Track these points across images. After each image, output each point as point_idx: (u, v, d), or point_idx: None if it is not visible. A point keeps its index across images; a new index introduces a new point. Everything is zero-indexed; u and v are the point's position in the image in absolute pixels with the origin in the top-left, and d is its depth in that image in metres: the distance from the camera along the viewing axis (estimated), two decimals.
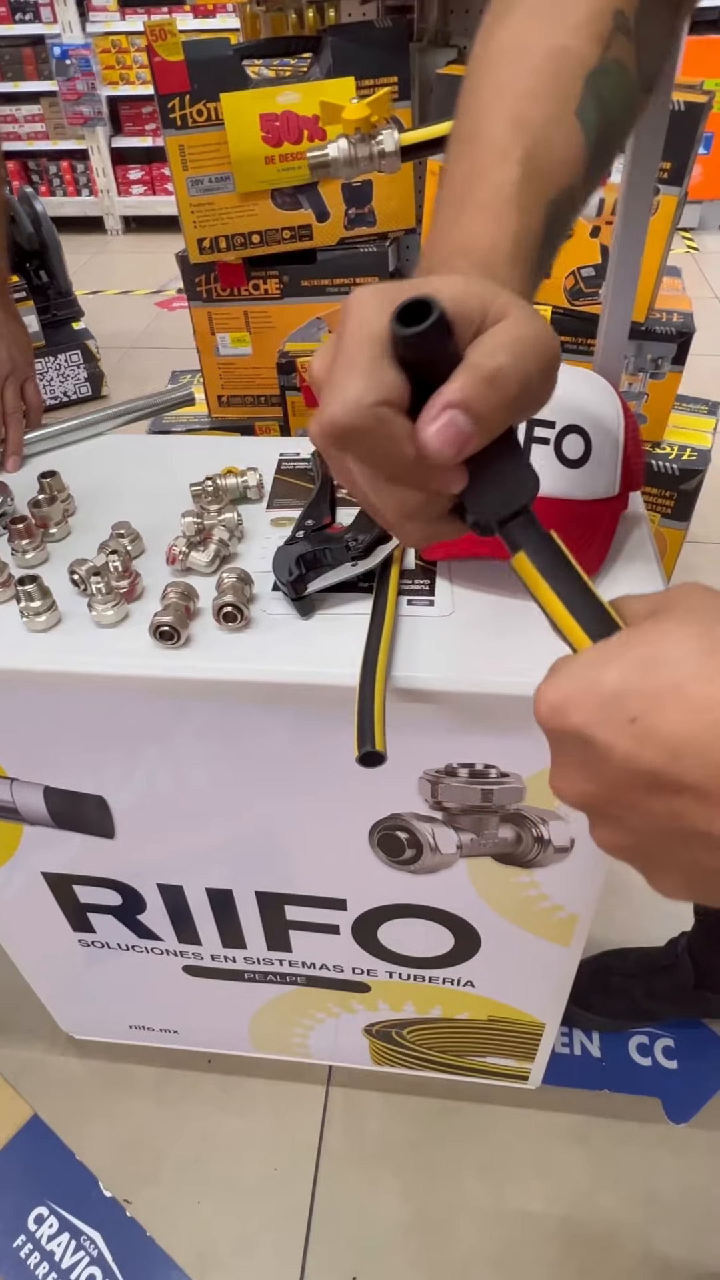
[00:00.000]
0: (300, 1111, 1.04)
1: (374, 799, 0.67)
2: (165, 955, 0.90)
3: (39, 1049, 1.11)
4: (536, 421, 0.60)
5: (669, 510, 1.30)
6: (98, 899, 0.83)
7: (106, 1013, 1.05)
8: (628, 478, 0.64)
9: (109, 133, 3.72)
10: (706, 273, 3.20)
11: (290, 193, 1.20)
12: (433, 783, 0.65)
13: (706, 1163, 0.98)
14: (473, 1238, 0.94)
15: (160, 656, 0.56)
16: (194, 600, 0.58)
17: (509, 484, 0.33)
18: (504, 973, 0.84)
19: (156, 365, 2.66)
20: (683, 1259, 0.92)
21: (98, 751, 0.67)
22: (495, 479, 0.33)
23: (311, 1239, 0.94)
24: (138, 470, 0.77)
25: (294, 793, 0.68)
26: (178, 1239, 0.95)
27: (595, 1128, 1.01)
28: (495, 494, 0.33)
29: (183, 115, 1.14)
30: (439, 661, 0.55)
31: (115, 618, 0.58)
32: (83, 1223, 0.96)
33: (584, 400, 0.61)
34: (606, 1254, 0.92)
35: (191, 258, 1.26)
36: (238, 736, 0.63)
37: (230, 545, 0.63)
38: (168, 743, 0.64)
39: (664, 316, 1.21)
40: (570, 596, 0.31)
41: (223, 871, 0.77)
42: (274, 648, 0.56)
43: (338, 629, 0.57)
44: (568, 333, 1.19)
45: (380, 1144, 1.01)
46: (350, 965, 0.87)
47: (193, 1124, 1.04)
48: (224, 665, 0.55)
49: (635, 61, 0.41)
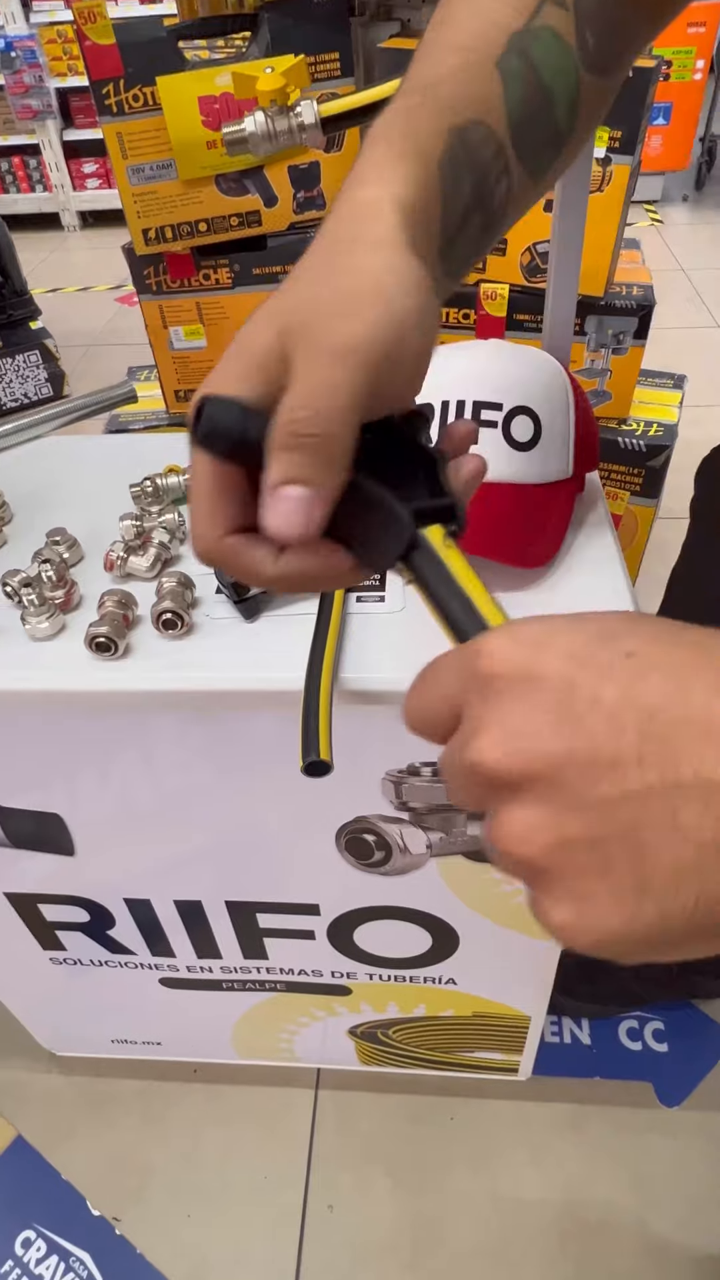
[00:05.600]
0: (289, 1116, 1.03)
1: (337, 803, 0.65)
2: (140, 969, 0.87)
3: (20, 1067, 1.08)
4: (482, 404, 0.58)
5: (637, 488, 1.28)
6: (65, 917, 0.81)
7: (87, 1028, 1.02)
8: (581, 458, 0.62)
9: (60, 126, 3.64)
10: (671, 245, 3.18)
11: (235, 178, 1.17)
12: (396, 783, 0.63)
13: (699, 1145, 0.97)
14: (468, 1233, 0.93)
15: (97, 669, 0.53)
16: (132, 608, 0.56)
17: (380, 533, 0.30)
18: (485, 969, 0.82)
19: (119, 362, 2.60)
20: (679, 1242, 0.91)
21: (47, 768, 0.64)
22: (364, 534, 0.31)
23: (305, 1245, 0.93)
24: (79, 473, 0.74)
25: (254, 800, 0.66)
26: (169, 1254, 0.93)
27: (587, 1115, 1.00)
28: (372, 549, 0.31)
29: (118, 101, 1.10)
30: (390, 661, 0.53)
31: (50, 630, 0.55)
32: (71, 1244, 0.94)
33: (531, 380, 0.59)
34: (603, 1241, 0.91)
35: (138, 249, 1.22)
36: (188, 747, 0.60)
37: (171, 548, 0.61)
38: (117, 757, 0.62)
39: (623, 290, 1.18)
40: (466, 619, 0.29)
41: (190, 883, 0.75)
42: (217, 654, 0.54)
43: (285, 630, 0.55)
44: (525, 310, 1.17)
45: (371, 1144, 1.00)
46: (329, 969, 0.85)
47: (180, 1136, 1.02)
48: (164, 675, 0.53)
49: (575, 34, 0.38)
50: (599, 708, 0.22)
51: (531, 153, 0.38)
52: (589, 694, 0.22)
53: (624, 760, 0.21)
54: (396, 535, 0.29)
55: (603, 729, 0.22)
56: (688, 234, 3.29)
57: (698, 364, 1.92)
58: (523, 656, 0.24)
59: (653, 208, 3.52)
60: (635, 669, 0.22)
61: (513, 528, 0.58)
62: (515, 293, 1.17)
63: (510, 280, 1.17)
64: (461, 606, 0.28)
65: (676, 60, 3.11)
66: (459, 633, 0.28)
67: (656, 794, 0.21)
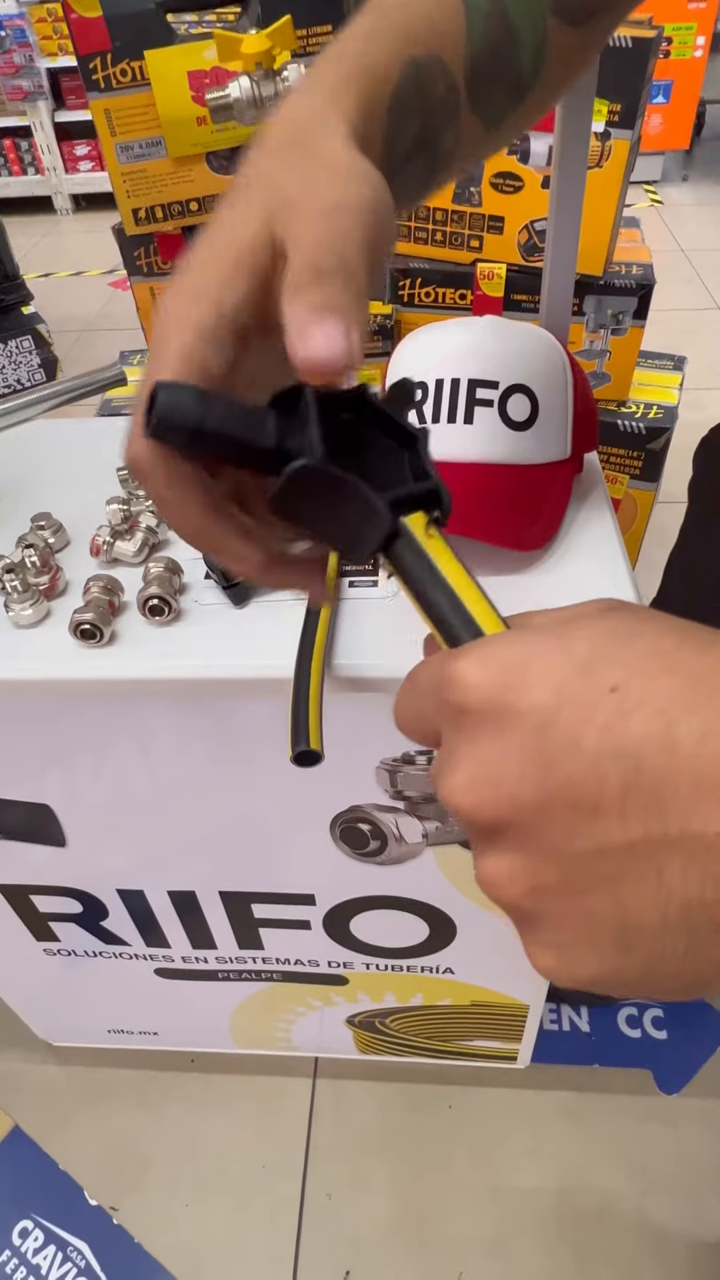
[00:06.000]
0: (287, 1106, 1.02)
1: (332, 792, 0.64)
2: (135, 960, 0.87)
3: (17, 1058, 1.08)
4: (478, 382, 0.56)
5: (637, 471, 1.26)
6: (58, 908, 0.80)
7: (83, 1019, 1.02)
8: (580, 438, 0.60)
9: (51, 107, 3.59)
10: (671, 225, 3.14)
11: (227, 155, 1.14)
12: (391, 772, 0.61)
13: (698, 1132, 0.97)
14: (466, 1223, 0.92)
15: (82, 657, 0.52)
16: (119, 594, 0.54)
17: (357, 524, 0.27)
18: (483, 958, 0.81)
19: (113, 347, 2.58)
20: (679, 1230, 0.91)
21: (35, 758, 0.63)
22: (341, 526, 0.28)
23: (303, 1235, 0.93)
24: (65, 457, 0.73)
25: (246, 790, 0.65)
26: (167, 1244, 0.93)
27: (586, 1103, 1.00)
28: (350, 542, 0.28)
29: (106, 76, 1.07)
30: (385, 647, 0.52)
31: (34, 617, 0.54)
32: (69, 1234, 0.94)
33: (528, 358, 0.57)
34: (602, 1229, 0.91)
35: (128, 229, 1.20)
36: (178, 736, 0.59)
37: (159, 532, 0.59)
38: (105, 746, 0.60)
39: (622, 269, 1.16)
40: (450, 615, 0.26)
41: (183, 873, 0.74)
42: (205, 641, 0.52)
43: (275, 616, 0.54)
44: (522, 290, 1.15)
45: (369, 1134, 0.99)
46: (325, 959, 0.84)
47: (177, 1126, 1.01)
48: (151, 663, 0.51)
49: None
50: (579, 752, 0.20)
51: (486, 96, 0.36)
52: (567, 736, 0.20)
53: (606, 811, 0.20)
54: (374, 527, 0.27)
55: (582, 776, 0.20)
56: (688, 215, 3.25)
57: (698, 346, 1.89)
58: (495, 687, 0.21)
59: (652, 188, 3.48)
60: (619, 707, 0.20)
61: (509, 510, 0.56)
62: (513, 272, 1.15)
63: (508, 260, 1.15)
64: (446, 601, 0.26)
65: (677, 37, 3.06)
66: (444, 631, 0.26)
67: (640, 850, 0.19)
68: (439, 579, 0.26)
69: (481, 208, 1.13)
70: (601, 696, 0.20)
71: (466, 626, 0.25)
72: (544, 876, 0.21)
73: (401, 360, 0.60)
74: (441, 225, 1.17)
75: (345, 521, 0.27)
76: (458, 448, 0.56)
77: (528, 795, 0.20)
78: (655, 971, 0.20)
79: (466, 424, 0.56)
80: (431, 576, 0.26)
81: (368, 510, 0.26)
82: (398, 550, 0.27)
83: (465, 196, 1.13)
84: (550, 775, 0.20)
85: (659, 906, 0.19)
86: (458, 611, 0.25)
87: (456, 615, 0.25)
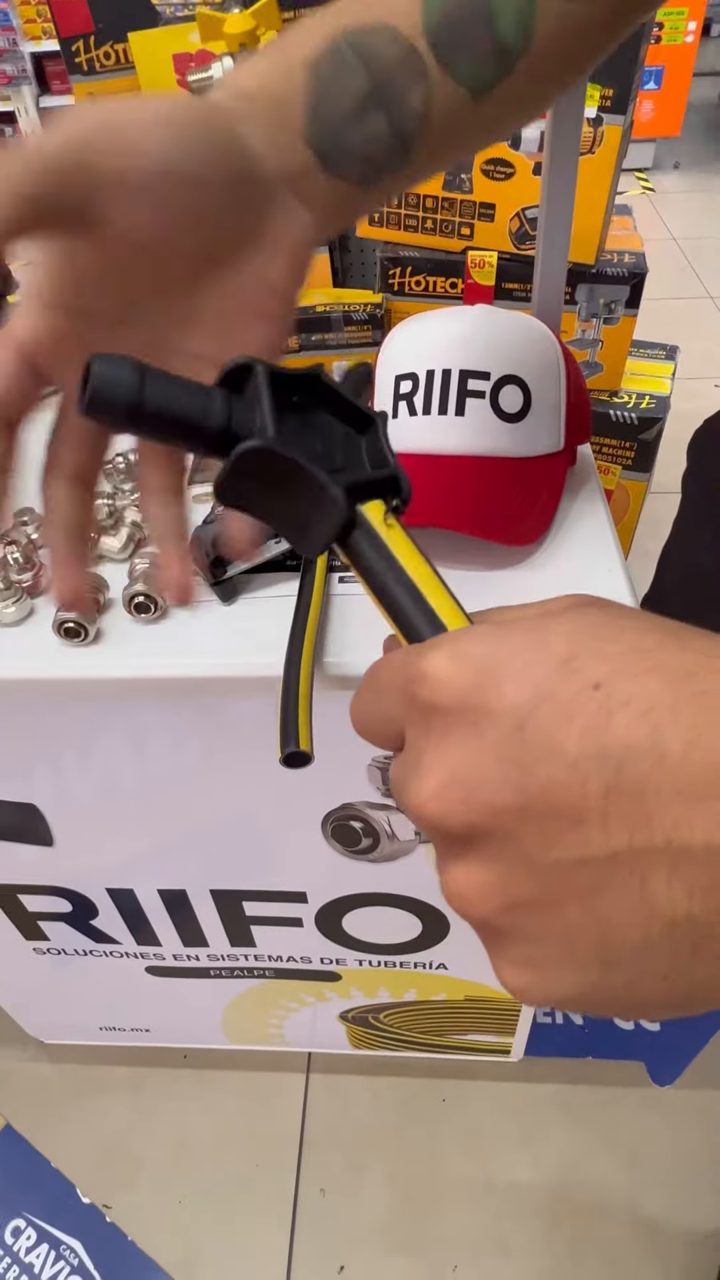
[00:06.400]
0: (280, 1101, 1.02)
1: (323, 790, 0.63)
2: (126, 958, 0.86)
3: (9, 1056, 1.07)
4: (469, 373, 0.55)
5: (629, 461, 1.26)
6: (47, 907, 0.79)
7: (74, 1016, 1.01)
8: (573, 430, 0.59)
9: (36, 92, 3.54)
10: (662, 214, 3.12)
11: None
12: (383, 770, 0.61)
13: (691, 1124, 0.97)
14: (460, 1216, 0.92)
15: (67, 656, 0.51)
16: (104, 591, 0.53)
17: (310, 513, 0.25)
18: (476, 954, 0.81)
19: None
20: (672, 1221, 0.91)
21: (21, 758, 0.62)
22: (293, 515, 0.26)
23: (297, 1231, 0.93)
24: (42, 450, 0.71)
25: (237, 788, 0.64)
26: (160, 1241, 0.92)
27: (579, 1095, 1.00)
28: (303, 533, 0.26)
29: (89, 59, 1.05)
30: (376, 643, 0.51)
31: (18, 615, 0.53)
32: (61, 1232, 0.93)
33: (521, 348, 0.56)
34: (596, 1221, 0.91)
35: None
36: (166, 734, 0.58)
37: (144, 528, 0.58)
38: (92, 745, 0.59)
39: (615, 258, 1.15)
40: (413, 612, 0.24)
41: (173, 872, 0.73)
42: (193, 639, 0.51)
43: (263, 613, 0.53)
44: (514, 279, 1.13)
45: (363, 1128, 0.99)
46: (318, 956, 0.83)
47: (170, 1123, 1.01)
48: (137, 661, 0.50)
49: None
50: (558, 756, 0.19)
51: (462, 62, 0.34)
52: (546, 738, 0.19)
53: (587, 819, 0.18)
54: (329, 516, 0.25)
55: (562, 781, 0.19)
56: (679, 202, 3.24)
57: (690, 335, 1.89)
58: (468, 684, 0.20)
59: (643, 175, 3.46)
60: (601, 707, 0.18)
61: (501, 503, 0.55)
62: (504, 260, 1.13)
63: (499, 248, 1.13)
64: (407, 596, 0.24)
65: (668, 22, 3.03)
66: (405, 628, 0.24)
67: (623, 861, 0.18)
68: (399, 572, 0.24)
69: (472, 194, 1.11)
70: (583, 695, 0.19)
71: (430, 624, 0.24)
72: (520, 889, 0.20)
73: (392, 350, 0.59)
74: (432, 213, 1.15)
75: (298, 509, 0.26)
76: (449, 440, 0.55)
77: (504, 801, 0.19)
78: (636, 990, 0.19)
79: (458, 415, 0.55)
80: (391, 570, 0.24)
81: (322, 497, 0.24)
82: (355, 541, 0.25)
83: (456, 183, 1.11)
84: (528, 780, 0.19)
85: (641, 921, 0.18)
86: (420, 607, 0.24)
87: (419, 612, 0.24)
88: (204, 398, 0.25)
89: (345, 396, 0.27)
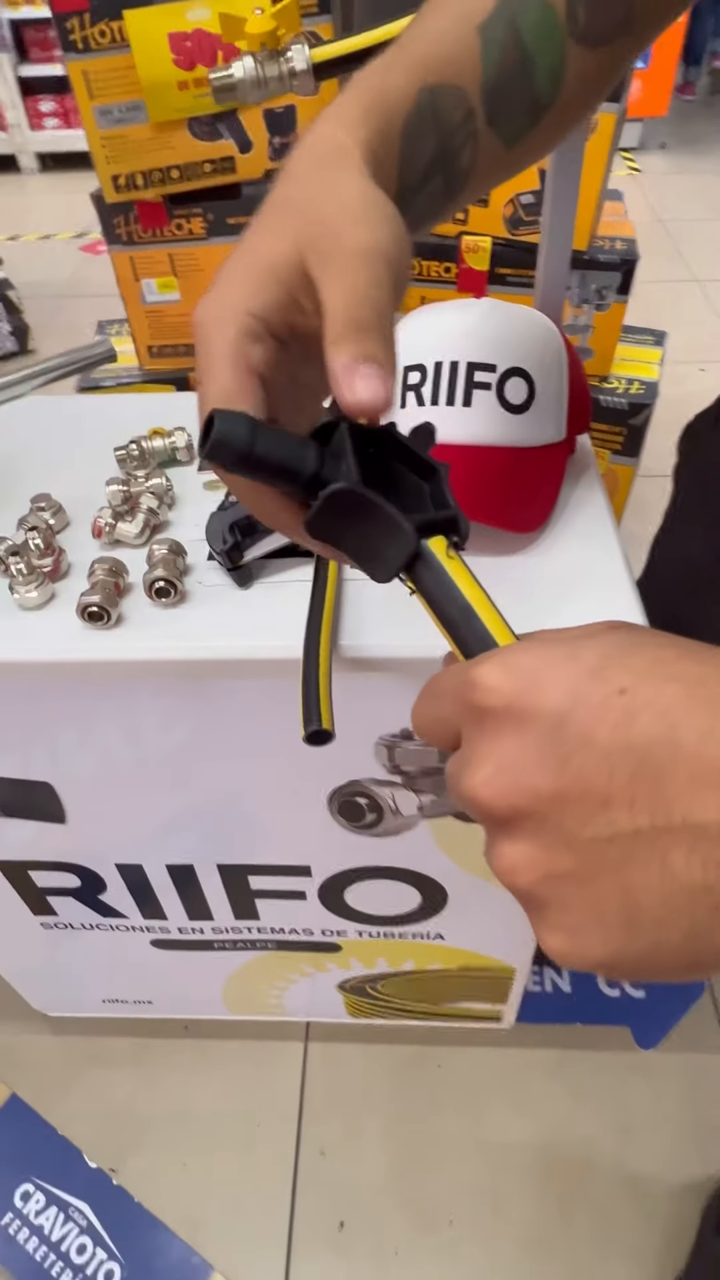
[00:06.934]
0: (280, 1068, 1.05)
1: (331, 767, 0.65)
2: (131, 932, 0.88)
3: (13, 1029, 1.09)
4: (476, 365, 0.57)
5: (619, 447, 1.28)
6: (56, 883, 0.81)
7: (78, 989, 1.03)
8: (574, 420, 0.61)
9: (15, 61, 3.46)
10: (649, 195, 3.13)
11: (208, 121, 1.12)
12: (389, 747, 0.63)
13: (675, 1084, 1.01)
14: (455, 1174, 0.96)
15: (90, 639, 0.52)
16: (124, 576, 0.55)
17: (383, 544, 0.30)
18: (473, 924, 0.84)
19: (86, 314, 2.51)
20: (655, 1175, 0.96)
21: (38, 737, 0.63)
22: (368, 545, 0.31)
23: (298, 1190, 0.96)
24: (59, 435, 0.72)
25: (247, 766, 0.66)
26: (166, 1202, 0.96)
27: (569, 1060, 1.04)
28: (375, 561, 0.31)
29: (84, 37, 1.04)
30: (387, 628, 0.53)
31: (40, 599, 0.54)
32: (69, 1195, 0.96)
33: (526, 341, 0.58)
34: (584, 1178, 0.96)
35: (107, 197, 1.18)
36: (183, 715, 0.60)
37: (160, 514, 0.60)
38: (110, 725, 0.61)
39: (607, 244, 1.16)
40: (468, 631, 0.29)
41: (182, 848, 0.76)
42: (211, 622, 0.53)
43: (279, 598, 0.54)
44: (508, 264, 1.15)
45: (360, 1093, 1.03)
46: (319, 928, 0.86)
47: (173, 1090, 1.04)
48: (159, 644, 0.52)
49: (565, 5, 0.38)
50: (591, 748, 0.22)
51: (505, 119, 0.38)
52: (581, 734, 0.22)
53: (615, 802, 0.22)
54: (399, 546, 0.29)
55: (594, 770, 0.22)
56: (666, 183, 3.24)
57: (677, 319, 1.90)
58: (515, 690, 0.24)
59: (630, 156, 3.45)
60: (627, 709, 0.22)
61: (506, 492, 0.57)
62: (499, 245, 1.14)
63: (493, 233, 1.15)
64: (464, 618, 0.29)
65: None
66: (462, 645, 0.29)
67: (646, 837, 0.22)
68: (458, 597, 0.29)
69: None
70: (611, 698, 0.22)
71: (482, 641, 0.28)
72: (558, 863, 0.23)
73: (400, 342, 0.61)
74: None
75: (373, 541, 0.30)
76: (456, 430, 0.57)
77: (545, 787, 0.23)
78: (657, 953, 0.22)
79: (465, 406, 0.57)
80: (451, 595, 0.29)
81: (395, 530, 0.29)
82: (419, 569, 0.30)
83: None
84: (565, 768, 0.22)
85: (663, 891, 0.22)
86: (474, 627, 0.28)
87: (473, 631, 0.28)
88: (300, 448, 0.30)
89: (413, 449, 0.32)
